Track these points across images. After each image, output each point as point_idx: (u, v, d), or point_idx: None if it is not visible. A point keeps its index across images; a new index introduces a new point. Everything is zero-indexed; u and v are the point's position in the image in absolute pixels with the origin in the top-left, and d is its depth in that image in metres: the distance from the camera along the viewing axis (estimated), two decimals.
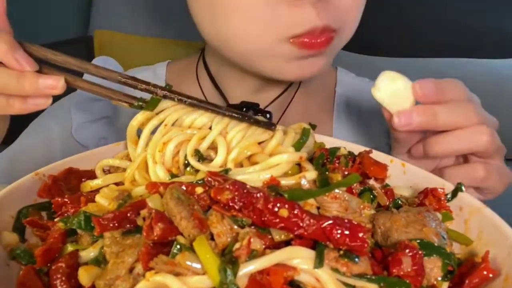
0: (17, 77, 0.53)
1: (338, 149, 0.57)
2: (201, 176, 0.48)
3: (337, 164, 0.55)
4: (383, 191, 0.53)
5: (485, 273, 0.42)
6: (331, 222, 0.39)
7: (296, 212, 0.40)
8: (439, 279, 0.42)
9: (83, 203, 0.49)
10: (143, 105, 0.55)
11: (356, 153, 0.58)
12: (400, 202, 0.52)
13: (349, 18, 0.72)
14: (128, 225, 0.43)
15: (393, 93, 0.58)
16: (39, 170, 0.52)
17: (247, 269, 0.37)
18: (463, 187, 0.52)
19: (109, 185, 0.52)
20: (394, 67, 0.61)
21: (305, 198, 0.45)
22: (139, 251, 0.40)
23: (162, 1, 1.57)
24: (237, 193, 0.41)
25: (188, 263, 0.38)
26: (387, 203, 0.51)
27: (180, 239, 0.40)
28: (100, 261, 0.42)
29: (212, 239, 0.41)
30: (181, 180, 0.48)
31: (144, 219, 0.42)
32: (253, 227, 0.41)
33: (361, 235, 0.39)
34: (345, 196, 0.46)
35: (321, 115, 0.93)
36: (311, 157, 0.55)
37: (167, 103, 0.56)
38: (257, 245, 0.39)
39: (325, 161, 0.54)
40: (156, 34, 1.60)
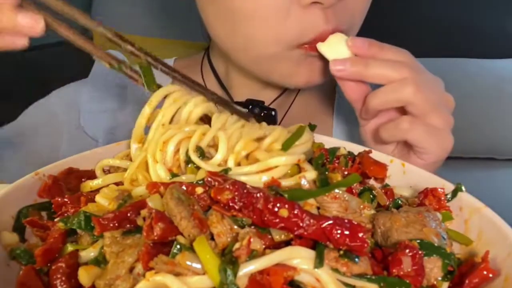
0: None
1: (337, 149, 0.57)
2: (202, 175, 0.48)
3: (337, 164, 0.55)
4: (383, 191, 0.53)
5: (485, 273, 0.42)
6: (331, 222, 0.39)
7: (296, 212, 0.40)
8: (439, 279, 0.42)
9: (83, 203, 0.48)
10: (122, 67, 0.54)
11: (355, 153, 0.58)
12: (400, 202, 0.52)
13: (356, 19, 0.74)
14: (128, 225, 0.43)
15: (335, 48, 0.67)
16: (39, 170, 0.52)
17: (247, 269, 0.37)
18: (463, 187, 0.52)
19: (109, 185, 0.52)
20: None
21: (305, 198, 0.45)
22: (139, 251, 0.40)
23: (162, 1, 1.57)
24: (237, 193, 0.41)
25: (188, 263, 0.38)
26: (387, 203, 0.51)
27: (180, 239, 0.40)
28: (100, 261, 0.42)
29: (212, 239, 0.41)
30: (182, 180, 0.48)
31: (144, 219, 0.42)
32: (253, 227, 0.41)
33: (361, 235, 0.39)
34: (345, 196, 0.46)
35: (321, 116, 0.94)
36: (310, 157, 0.55)
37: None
38: (257, 245, 0.39)
39: (325, 161, 0.54)
40: (156, 34, 1.60)
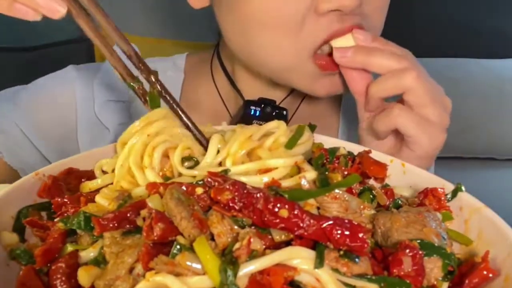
0: None
1: (337, 149, 0.57)
2: (201, 176, 0.48)
3: (337, 164, 0.55)
4: (383, 191, 0.53)
5: (485, 273, 0.42)
6: (331, 222, 0.39)
7: (296, 212, 0.40)
8: (439, 279, 0.42)
9: (83, 203, 0.48)
10: (134, 85, 0.55)
11: (355, 153, 0.58)
12: (400, 202, 0.52)
13: (375, 17, 0.75)
14: (128, 226, 0.42)
15: (346, 43, 0.69)
16: (39, 170, 0.52)
17: (247, 269, 0.37)
18: (463, 187, 0.52)
19: (108, 185, 0.52)
20: None
21: (305, 198, 0.45)
22: (139, 251, 0.40)
23: (162, 2, 1.57)
24: (237, 194, 0.41)
25: (188, 263, 0.38)
26: (387, 203, 0.51)
27: (180, 239, 0.40)
28: (100, 261, 0.42)
29: (212, 239, 0.40)
30: (181, 180, 0.48)
31: (144, 219, 0.42)
32: (253, 227, 0.41)
33: (361, 235, 0.39)
34: (345, 196, 0.46)
35: (327, 117, 0.94)
36: (310, 157, 0.54)
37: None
38: (257, 245, 0.39)
39: (325, 161, 0.54)
40: (156, 34, 1.60)
